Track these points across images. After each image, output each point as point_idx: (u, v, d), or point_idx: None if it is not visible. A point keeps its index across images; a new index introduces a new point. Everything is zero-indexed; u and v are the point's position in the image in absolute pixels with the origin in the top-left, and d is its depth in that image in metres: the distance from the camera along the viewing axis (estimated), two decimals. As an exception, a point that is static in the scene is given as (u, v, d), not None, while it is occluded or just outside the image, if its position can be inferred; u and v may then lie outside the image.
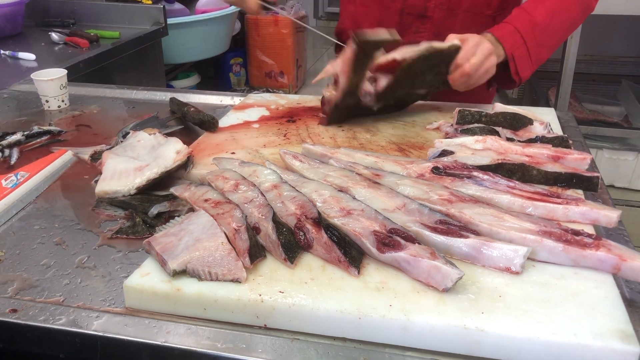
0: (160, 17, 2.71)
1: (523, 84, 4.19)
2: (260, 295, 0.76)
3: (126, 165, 1.12)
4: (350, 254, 0.81)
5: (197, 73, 4.01)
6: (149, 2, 2.95)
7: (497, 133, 1.14)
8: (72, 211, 1.08)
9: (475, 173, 0.99)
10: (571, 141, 1.12)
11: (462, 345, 0.71)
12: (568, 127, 1.35)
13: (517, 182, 0.97)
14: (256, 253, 0.83)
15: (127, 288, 0.80)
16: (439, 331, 0.71)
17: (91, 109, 1.60)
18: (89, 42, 2.39)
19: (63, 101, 1.61)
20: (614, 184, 3.19)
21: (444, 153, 1.08)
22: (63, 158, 1.27)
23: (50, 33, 2.48)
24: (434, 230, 0.84)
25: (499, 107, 1.26)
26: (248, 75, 4.50)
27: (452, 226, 0.85)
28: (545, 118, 1.24)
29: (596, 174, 0.99)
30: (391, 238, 0.81)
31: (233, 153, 1.20)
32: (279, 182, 0.98)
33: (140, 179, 1.08)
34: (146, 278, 0.81)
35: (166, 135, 1.23)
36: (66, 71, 1.62)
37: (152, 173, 1.09)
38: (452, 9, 1.48)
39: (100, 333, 0.75)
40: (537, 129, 1.18)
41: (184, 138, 1.19)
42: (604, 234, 0.92)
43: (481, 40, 1.27)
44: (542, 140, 1.11)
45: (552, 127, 1.20)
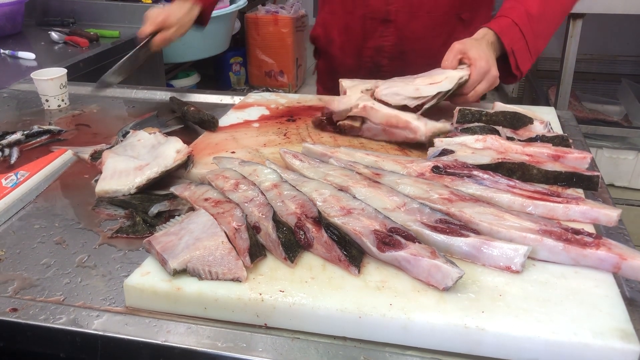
0: (160, 17, 2.71)
1: (523, 83, 4.19)
2: (260, 294, 0.76)
3: (126, 164, 1.12)
4: (350, 253, 0.81)
5: (197, 72, 4.02)
6: (149, 2, 2.95)
7: (498, 132, 1.14)
8: (73, 210, 1.08)
9: (475, 172, 0.99)
10: (571, 140, 1.12)
11: (463, 344, 0.71)
12: (568, 126, 1.35)
13: (517, 181, 0.97)
14: (256, 252, 0.83)
15: (128, 287, 0.80)
16: (440, 330, 0.71)
17: (91, 109, 1.60)
18: (89, 42, 2.39)
19: (63, 100, 1.61)
20: (614, 183, 3.19)
21: (444, 152, 1.08)
22: (63, 157, 1.27)
23: (50, 32, 2.48)
24: (434, 229, 0.84)
25: (499, 106, 1.26)
26: (248, 74, 4.50)
27: (453, 225, 0.85)
28: (545, 117, 1.24)
29: (596, 173, 0.99)
30: (391, 237, 0.81)
31: (233, 152, 1.20)
32: (279, 182, 0.98)
33: (140, 178, 1.08)
34: (146, 277, 0.81)
35: (166, 134, 1.23)
36: (66, 70, 1.62)
37: (152, 172, 1.09)
38: (414, 12, 1.48)
39: (100, 332, 0.75)
40: (537, 128, 1.18)
41: (184, 137, 1.19)
42: (604, 233, 0.92)
43: (488, 62, 1.26)
44: (542, 139, 1.11)
45: (552, 126, 1.20)
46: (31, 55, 2.24)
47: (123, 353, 0.75)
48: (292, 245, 0.84)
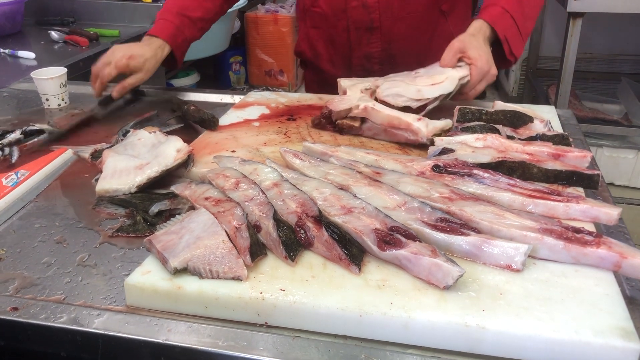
0: (160, 16, 2.71)
1: (523, 82, 4.19)
2: (261, 293, 0.76)
3: (127, 163, 1.12)
4: (351, 252, 0.81)
5: (197, 72, 4.01)
6: (149, 1, 2.94)
7: (498, 131, 1.14)
8: (73, 210, 1.08)
9: (475, 171, 0.99)
10: (571, 139, 1.12)
11: (463, 342, 0.72)
12: (568, 125, 1.35)
13: (518, 180, 0.97)
14: (257, 251, 0.83)
15: (128, 286, 0.81)
16: (440, 329, 0.72)
17: (91, 108, 1.60)
18: (89, 41, 2.38)
19: (63, 100, 1.61)
20: (614, 182, 3.20)
21: (445, 151, 1.08)
22: (63, 157, 1.27)
23: (49, 31, 2.48)
24: (435, 228, 0.84)
25: (500, 105, 1.26)
26: (248, 73, 4.49)
27: (453, 224, 0.85)
28: (545, 116, 1.24)
29: (596, 172, 0.99)
30: (392, 236, 0.81)
31: (233, 151, 1.20)
32: (280, 180, 0.98)
33: (140, 178, 1.08)
34: (147, 276, 0.81)
35: (166, 133, 1.23)
36: (66, 70, 1.62)
37: (153, 171, 1.09)
38: (397, 15, 1.47)
39: (101, 331, 0.76)
40: (538, 127, 1.18)
41: (185, 136, 1.19)
42: (605, 232, 0.93)
43: (488, 62, 1.26)
44: (543, 138, 1.11)
45: (553, 125, 1.20)
46: (31, 54, 2.23)
47: (124, 352, 0.75)
48: (293, 244, 0.84)
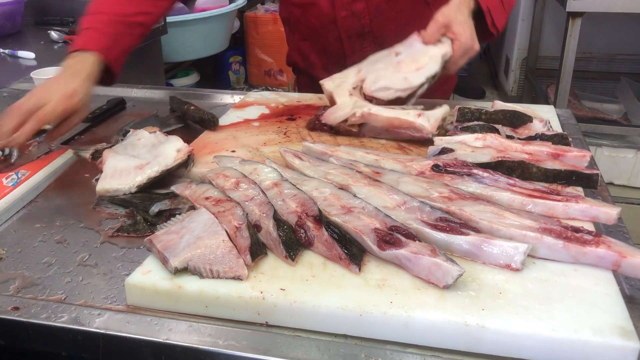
0: (159, 16, 2.70)
1: (522, 82, 4.19)
2: (261, 292, 0.77)
3: (127, 163, 1.12)
4: (351, 252, 0.81)
5: (197, 71, 4.01)
6: (148, 1, 2.94)
7: (497, 131, 1.14)
8: (73, 209, 1.08)
9: (475, 171, 0.99)
10: (571, 139, 1.13)
11: (463, 341, 0.72)
12: (567, 125, 1.36)
13: (517, 180, 0.97)
14: (257, 251, 0.83)
15: (129, 286, 0.81)
16: (440, 328, 0.72)
17: (93, 107, 1.60)
18: (89, 41, 2.38)
19: (63, 100, 1.61)
20: (614, 182, 3.20)
21: (444, 151, 1.08)
22: (64, 157, 1.27)
23: (49, 31, 2.48)
24: (435, 227, 0.84)
25: (499, 105, 1.26)
26: (247, 73, 4.50)
27: (453, 223, 0.85)
28: (544, 116, 1.24)
29: (596, 172, 0.99)
30: (392, 235, 0.81)
31: (233, 151, 1.20)
32: (280, 180, 0.98)
33: (141, 177, 1.08)
34: (148, 276, 0.81)
35: (166, 133, 1.23)
36: (66, 70, 1.62)
37: (153, 171, 1.09)
38: (386, 16, 1.45)
39: (102, 331, 0.76)
40: (537, 127, 1.18)
41: (184, 136, 1.19)
42: (604, 231, 0.93)
43: (472, 38, 1.22)
44: (542, 137, 1.12)
45: (552, 125, 1.20)
46: (31, 54, 2.24)
47: (125, 351, 0.76)
48: (293, 243, 0.84)
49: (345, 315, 0.74)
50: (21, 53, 2.25)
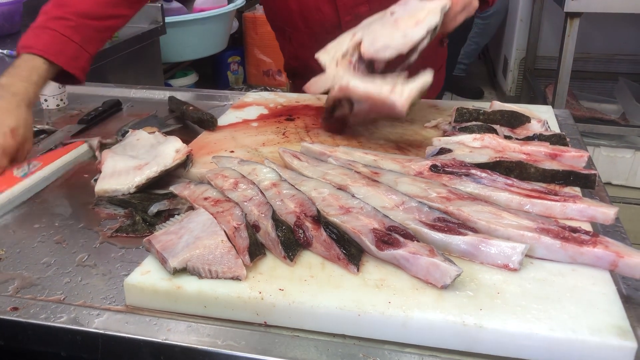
0: (158, 16, 2.71)
1: (521, 82, 4.20)
2: (260, 292, 0.77)
3: (125, 163, 1.12)
4: (349, 252, 0.81)
5: (195, 72, 4.01)
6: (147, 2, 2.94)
7: (495, 131, 1.15)
8: (72, 210, 1.08)
9: (473, 171, 1.00)
10: (568, 139, 1.13)
11: (461, 341, 0.72)
12: (565, 125, 1.36)
13: (515, 180, 0.98)
14: (256, 251, 0.83)
15: (128, 286, 0.81)
16: (438, 328, 0.72)
17: (89, 108, 1.60)
18: (87, 41, 2.38)
19: (62, 100, 1.61)
20: (611, 182, 3.21)
21: (442, 151, 1.09)
22: (78, 150, 1.25)
23: (48, 32, 2.47)
24: (433, 227, 0.85)
25: (497, 105, 1.26)
26: (246, 73, 4.50)
27: (451, 224, 0.85)
28: (542, 116, 1.25)
29: (593, 172, 1.00)
30: (390, 236, 0.82)
31: (232, 151, 1.20)
32: (278, 181, 0.99)
33: (139, 178, 1.08)
34: (146, 276, 0.81)
35: (165, 133, 1.23)
36: (65, 70, 1.62)
37: (152, 172, 1.09)
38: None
39: (101, 331, 0.76)
40: (535, 127, 1.18)
41: (183, 137, 1.19)
42: (602, 231, 0.93)
43: None
44: (540, 138, 1.12)
45: (550, 125, 1.20)
46: (29, 54, 2.23)
47: (124, 351, 0.76)
48: (292, 243, 0.84)
49: (343, 315, 0.74)
50: (20, 53, 2.25)
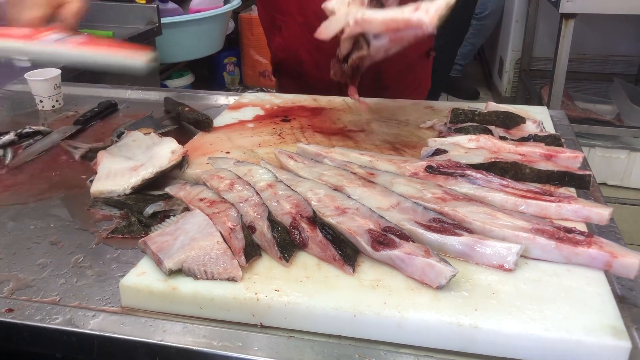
0: (153, 17, 2.71)
1: (516, 83, 4.20)
2: (256, 293, 0.77)
3: (121, 165, 1.12)
4: (345, 252, 0.81)
5: (191, 72, 4.01)
6: (143, 2, 2.94)
7: (490, 132, 1.15)
8: (68, 211, 1.08)
9: (468, 171, 1.00)
10: (564, 139, 1.13)
11: (456, 341, 0.72)
12: (560, 126, 1.36)
13: (510, 181, 0.98)
14: (252, 252, 0.83)
15: (123, 287, 0.81)
16: (433, 328, 0.72)
17: (85, 109, 1.60)
18: (83, 42, 2.38)
19: (57, 101, 1.61)
20: (606, 182, 3.22)
21: (438, 152, 1.09)
22: (135, 57, 1.09)
23: (43, 33, 2.47)
24: (428, 228, 0.85)
25: (492, 106, 1.27)
26: (242, 74, 4.50)
27: (446, 224, 0.85)
28: (538, 117, 1.25)
29: (588, 172, 1.00)
30: (386, 236, 0.82)
31: (228, 152, 1.20)
32: (274, 182, 0.99)
33: (135, 179, 1.08)
34: (142, 277, 0.81)
35: (161, 134, 1.23)
36: (60, 71, 1.62)
37: (147, 173, 1.09)
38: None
39: (96, 332, 0.76)
40: (530, 128, 1.19)
41: (179, 137, 1.19)
42: (596, 232, 0.93)
43: None
44: (535, 138, 1.12)
45: (545, 126, 1.21)
46: (25, 55, 2.22)
47: (119, 353, 0.76)
48: (287, 244, 0.84)
49: (339, 315, 0.74)
50: (15, 54, 2.24)
